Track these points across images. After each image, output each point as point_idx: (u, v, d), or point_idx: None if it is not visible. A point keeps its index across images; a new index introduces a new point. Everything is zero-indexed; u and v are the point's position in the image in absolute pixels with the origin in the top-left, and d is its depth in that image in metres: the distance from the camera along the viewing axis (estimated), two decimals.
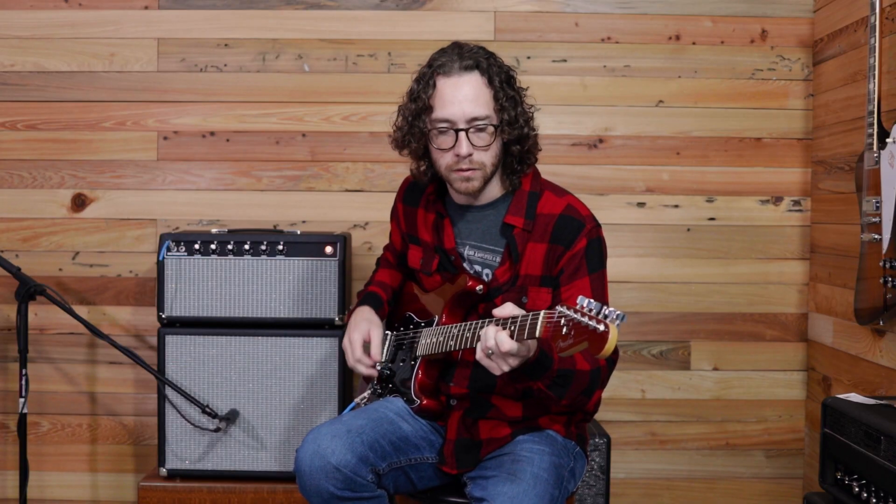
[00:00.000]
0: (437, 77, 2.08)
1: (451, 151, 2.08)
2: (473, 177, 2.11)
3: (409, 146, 2.17)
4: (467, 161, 2.08)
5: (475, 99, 2.06)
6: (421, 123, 2.11)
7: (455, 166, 2.10)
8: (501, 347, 1.80)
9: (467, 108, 2.06)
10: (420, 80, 2.12)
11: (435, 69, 2.09)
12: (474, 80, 2.07)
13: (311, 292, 2.82)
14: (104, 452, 3.25)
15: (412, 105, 2.12)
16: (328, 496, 1.98)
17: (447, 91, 2.07)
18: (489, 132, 2.08)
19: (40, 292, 2.78)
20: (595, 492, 2.84)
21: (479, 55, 2.09)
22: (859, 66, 2.83)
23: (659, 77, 3.20)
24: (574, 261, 2.08)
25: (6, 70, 3.18)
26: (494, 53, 2.14)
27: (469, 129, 2.06)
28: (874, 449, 2.09)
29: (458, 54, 2.09)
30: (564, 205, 2.14)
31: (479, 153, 2.08)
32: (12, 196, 3.20)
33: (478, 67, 2.07)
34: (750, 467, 3.26)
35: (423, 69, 2.13)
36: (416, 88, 2.12)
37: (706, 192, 3.22)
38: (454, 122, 2.07)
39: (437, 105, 2.08)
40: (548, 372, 1.93)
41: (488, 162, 2.10)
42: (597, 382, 2.04)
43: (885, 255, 2.48)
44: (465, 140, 2.07)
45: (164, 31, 3.17)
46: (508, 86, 2.10)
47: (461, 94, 2.06)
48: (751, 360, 3.24)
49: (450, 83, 2.07)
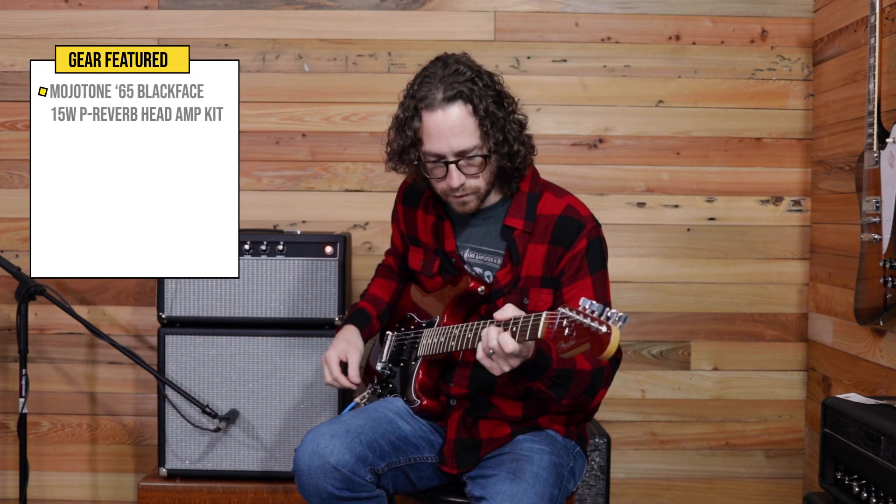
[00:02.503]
0: (421, 111, 2.07)
1: (444, 181, 2.10)
2: (468, 200, 2.13)
3: (401, 170, 2.19)
4: (461, 189, 2.10)
5: (461, 132, 2.05)
6: (411, 156, 2.12)
7: (450, 193, 2.12)
8: (505, 349, 1.80)
9: (454, 142, 2.05)
10: (405, 111, 2.10)
11: (418, 102, 2.07)
12: (458, 111, 2.05)
13: (310, 292, 2.82)
14: (104, 452, 3.25)
15: (400, 139, 2.12)
16: (327, 496, 1.98)
17: (432, 126, 2.06)
18: (478, 162, 2.08)
19: (40, 292, 2.78)
20: (595, 492, 2.84)
21: (461, 79, 2.05)
22: (859, 66, 2.83)
23: (659, 77, 3.20)
24: (575, 261, 2.08)
25: (6, 70, 3.19)
26: (480, 69, 2.10)
27: (458, 161, 2.07)
28: (874, 449, 2.08)
29: (442, 80, 2.05)
30: (564, 205, 2.14)
31: (471, 180, 2.10)
32: (12, 196, 3.20)
33: (460, 97, 2.04)
34: (750, 467, 3.26)
35: (408, 99, 2.10)
36: (403, 118, 2.11)
37: (706, 192, 3.22)
38: (443, 156, 2.07)
39: (424, 139, 2.08)
40: (546, 372, 1.93)
41: (482, 185, 2.12)
42: (600, 381, 2.04)
43: (885, 255, 2.48)
44: (455, 172, 2.08)
45: (164, 31, 3.17)
46: (496, 105, 2.08)
47: (446, 128, 2.05)
48: (751, 360, 3.24)
49: (434, 117, 2.05)
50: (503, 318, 1.86)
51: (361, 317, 2.36)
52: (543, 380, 1.95)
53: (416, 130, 2.09)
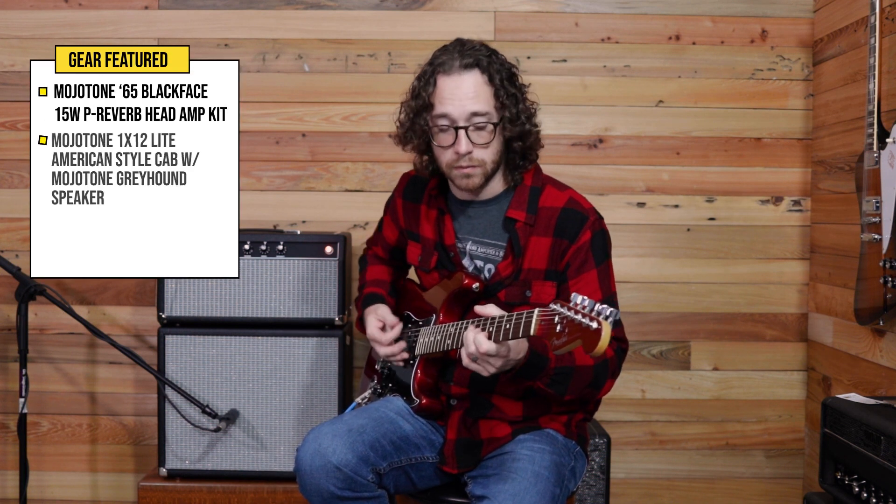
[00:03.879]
0: (437, 75, 2.09)
1: (452, 149, 2.09)
2: (473, 174, 2.11)
3: (411, 142, 2.18)
4: (467, 158, 2.09)
5: (475, 96, 2.06)
6: (422, 121, 2.12)
7: (455, 163, 2.10)
8: (480, 348, 1.82)
9: (467, 105, 2.06)
10: (421, 78, 2.13)
11: (436, 67, 2.10)
12: (474, 77, 2.07)
13: (311, 292, 2.82)
14: (104, 452, 3.25)
15: (413, 102, 2.14)
16: (328, 496, 1.98)
17: (447, 89, 2.07)
18: (489, 130, 2.08)
19: (40, 292, 2.78)
20: (595, 492, 2.84)
21: (480, 53, 2.09)
22: (859, 66, 2.83)
23: (659, 77, 3.20)
24: (580, 254, 2.09)
25: (6, 70, 3.19)
26: (496, 51, 2.14)
27: (469, 127, 2.07)
28: (874, 449, 2.09)
29: (460, 52, 2.09)
30: (566, 198, 2.14)
31: (479, 150, 2.09)
32: (12, 196, 3.20)
33: (478, 65, 2.07)
34: (750, 467, 3.26)
35: (425, 67, 2.14)
36: (418, 86, 2.13)
37: (706, 192, 3.22)
38: (454, 120, 2.07)
39: (437, 102, 2.09)
40: (544, 371, 1.94)
41: (489, 159, 2.11)
42: (605, 373, 2.04)
43: (885, 255, 2.48)
44: (464, 137, 2.07)
45: (164, 31, 3.17)
46: (510, 83, 2.11)
47: (461, 92, 2.06)
48: (751, 360, 3.24)
49: (450, 81, 2.07)
50: (487, 313, 1.87)
51: (375, 298, 2.35)
52: (542, 378, 1.95)
53: (429, 94, 2.09)
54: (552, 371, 1.95)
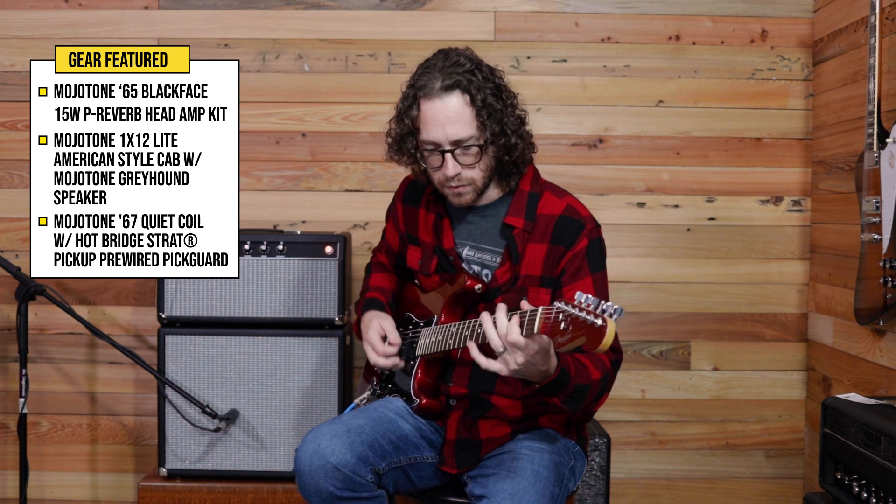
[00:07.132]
0: (420, 99, 2.08)
1: (441, 170, 2.10)
2: (464, 192, 2.13)
3: (402, 160, 2.20)
4: (456, 179, 2.10)
5: (457, 121, 2.05)
6: (409, 144, 2.13)
7: (446, 183, 2.12)
8: (509, 336, 1.77)
9: (449, 130, 2.06)
10: (405, 100, 2.13)
11: (417, 90, 2.09)
12: (455, 100, 2.05)
13: (310, 292, 2.82)
14: (104, 452, 3.25)
15: (399, 128, 2.14)
16: (328, 496, 1.98)
17: (429, 113, 2.07)
18: (474, 152, 2.08)
19: (40, 292, 2.78)
20: (595, 492, 2.84)
21: (460, 70, 2.06)
22: (859, 66, 2.83)
23: (659, 77, 3.20)
24: (575, 261, 2.08)
25: (6, 70, 3.19)
26: (481, 62, 2.11)
27: (455, 150, 2.07)
28: (874, 449, 2.09)
29: (441, 70, 2.06)
30: (564, 205, 2.14)
31: (468, 171, 2.10)
32: (12, 196, 3.20)
33: (458, 86, 2.05)
34: (750, 467, 3.26)
35: (408, 89, 2.13)
36: (402, 108, 2.13)
37: (706, 192, 3.22)
38: (439, 145, 2.08)
39: (422, 128, 2.09)
40: (566, 388, 1.92)
41: (478, 177, 2.12)
42: (605, 387, 2.04)
43: (885, 255, 2.48)
44: (451, 161, 2.08)
45: (164, 31, 3.17)
46: (495, 98, 2.08)
47: (443, 117, 2.05)
48: (751, 360, 3.24)
49: (432, 105, 2.06)
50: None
51: (376, 304, 2.35)
52: (561, 396, 1.94)
53: (413, 119, 2.10)
54: (572, 388, 1.93)
